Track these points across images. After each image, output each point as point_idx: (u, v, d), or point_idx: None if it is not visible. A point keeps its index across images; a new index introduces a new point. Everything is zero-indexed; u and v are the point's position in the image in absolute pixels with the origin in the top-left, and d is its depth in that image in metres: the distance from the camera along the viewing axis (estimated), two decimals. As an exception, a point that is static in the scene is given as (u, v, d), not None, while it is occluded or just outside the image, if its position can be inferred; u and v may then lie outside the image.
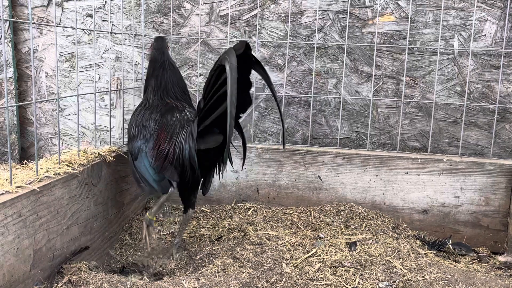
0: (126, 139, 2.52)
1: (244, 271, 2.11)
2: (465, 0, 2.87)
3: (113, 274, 2.05)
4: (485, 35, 2.88)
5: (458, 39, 2.91)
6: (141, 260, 2.34)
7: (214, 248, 2.38)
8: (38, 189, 1.83)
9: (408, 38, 2.92)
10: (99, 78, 3.23)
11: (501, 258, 2.57)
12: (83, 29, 3.17)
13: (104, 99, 3.25)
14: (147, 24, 3.13)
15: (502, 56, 2.86)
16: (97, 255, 2.29)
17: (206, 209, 2.96)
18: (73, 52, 3.22)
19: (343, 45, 2.97)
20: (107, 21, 3.15)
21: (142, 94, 2.62)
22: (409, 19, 2.91)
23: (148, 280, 2.06)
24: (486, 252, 2.73)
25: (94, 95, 2.51)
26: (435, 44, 2.92)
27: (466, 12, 2.88)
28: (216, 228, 2.67)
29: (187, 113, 2.31)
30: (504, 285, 2.11)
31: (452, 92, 2.95)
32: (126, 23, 3.14)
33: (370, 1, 2.94)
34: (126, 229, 2.62)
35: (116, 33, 3.15)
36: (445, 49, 2.92)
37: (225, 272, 2.12)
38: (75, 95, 2.42)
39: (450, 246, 2.62)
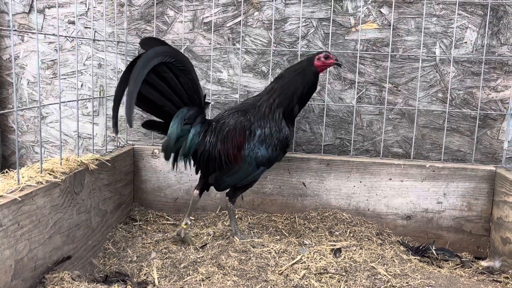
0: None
1: (229, 279, 2.10)
2: (446, 8, 2.91)
3: (96, 284, 2.03)
4: (466, 42, 2.92)
5: (440, 46, 2.94)
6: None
7: (198, 256, 2.36)
8: (19, 198, 1.81)
9: (390, 45, 2.94)
10: (82, 85, 3.21)
11: (483, 263, 2.59)
12: (65, 36, 3.14)
13: (87, 106, 3.22)
14: (130, 31, 3.12)
15: (483, 63, 2.90)
16: (80, 265, 2.26)
17: (190, 217, 2.94)
18: (55, 59, 3.19)
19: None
20: (90, 28, 3.13)
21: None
22: (391, 27, 2.94)
23: (132, 290, 2.04)
24: (469, 257, 2.75)
25: (76, 102, 2.49)
26: (417, 51, 2.95)
27: (447, 20, 2.91)
28: (201, 236, 2.65)
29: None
30: (487, 290, 2.13)
31: (434, 98, 2.98)
32: (109, 30, 3.12)
33: (352, 9, 2.97)
34: (110, 237, 2.59)
35: (99, 40, 3.13)
36: (427, 56, 2.95)
37: (209, 280, 2.11)
38: (57, 103, 2.39)
39: (434, 251, 2.64)
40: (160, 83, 2.28)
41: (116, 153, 2.78)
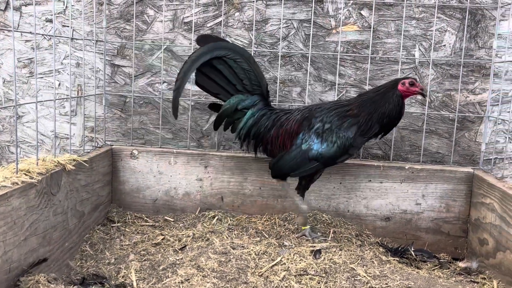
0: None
1: (208, 281, 2.08)
2: (426, 11, 2.93)
3: (73, 286, 1.99)
4: (445, 45, 2.95)
5: (419, 49, 2.97)
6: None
7: (177, 258, 2.34)
8: (-6, 199, 1.76)
9: (370, 47, 2.96)
10: (59, 84, 3.16)
11: (461, 264, 2.62)
12: (43, 35, 3.09)
13: (64, 106, 3.17)
14: (109, 30, 3.08)
15: (461, 66, 2.93)
16: (56, 267, 2.22)
17: (169, 218, 2.92)
18: (32, 58, 3.13)
19: (307, 53, 2.99)
20: (68, 26, 3.09)
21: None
22: (372, 29, 2.95)
23: (110, 292, 2.01)
24: (447, 258, 2.77)
25: (53, 102, 2.45)
26: (397, 53, 2.97)
27: (427, 23, 2.94)
28: (180, 237, 2.63)
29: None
30: (465, 291, 2.15)
31: (413, 101, 3.01)
32: (88, 29, 3.08)
33: (333, 11, 2.97)
34: (87, 239, 2.55)
35: (77, 39, 3.08)
36: (407, 58, 2.97)
37: (189, 282, 2.09)
38: (33, 102, 2.35)
39: (412, 252, 2.66)
40: (214, 73, 2.59)
41: (94, 154, 2.74)
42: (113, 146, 3.00)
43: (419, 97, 2.94)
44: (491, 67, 2.92)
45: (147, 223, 2.87)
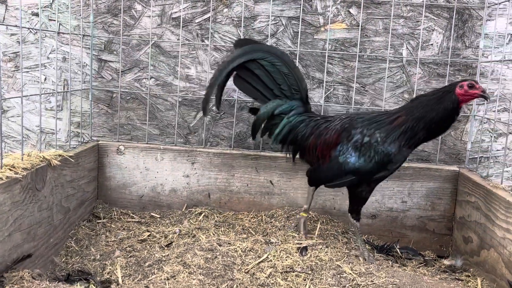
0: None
1: (194, 277, 2.08)
2: (414, 10, 2.94)
3: (58, 283, 1.97)
4: (432, 44, 2.97)
5: (407, 48, 2.98)
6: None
7: (163, 255, 2.33)
8: (-23, 195, 1.74)
9: (358, 45, 2.97)
10: (45, 79, 3.12)
11: (446, 262, 2.64)
12: (29, 28, 3.05)
13: (50, 101, 3.14)
14: (97, 25, 3.06)
15: (448, 65, 2.95)
16: (41, 263, 2.20)
17: (155, 215, 2.91)
18: (18, 52, 3.10)
19: (295, 51, 2.99)
20: (54, 20, 3.05)
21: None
22: (360, 27, 2.96)
23: (95, 289, 2.00)
24: (432, 256, 2.80)
25: (39, 96, 2.43)
26: (384, 52, 2.98)
27: (415, 22, 2.95)
28: (166, 234, 2.62)
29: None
30: (450, 288, 2.17)
31: (401, 99, 3.02)
32: (74, 23, 3.05)
33: (322, 8, 2.98)
34: (72, 235, 2.53)
35: (63, 33, 3.05)
36: (394, 57, 2.98)
37: (175, 279, 2.08)
38: (19, 96, 2.32)
39: (398, 250, 2.68)
40: (251, 77, 2.54)
41: (80, 149, 2.72)
42: (99, 142, 2.98)
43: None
44: (477, 67, 2.94)
45: (133, 219, 2.86)
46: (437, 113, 2.23)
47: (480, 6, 2.91)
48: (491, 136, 2.97)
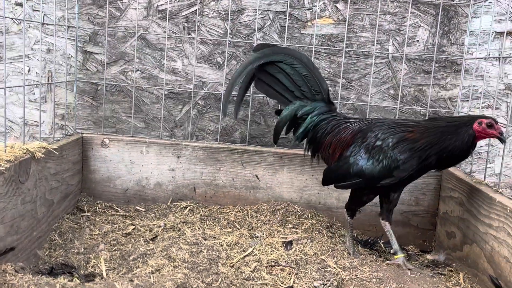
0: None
1: (179, 271, 2.07)
2: (400, 6, 2.96)
3: (41, 276, 1.95)
4: (418, 40, 2.98)
5: (393, 44, 2.99)
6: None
7: (148, 248, 2.32)
8: (-41, 187, 1.72)
9: (345, 41, 2.97)
10: (29, 70, 3.08)
11: (429, 257, 2.67)
12: (12, 18, 3.01)
13: (34, 92, 3.10)
14: (82, 16, 3.02)
15: (434, 62, 2.97)
16: (24, 256, 2.18)
17: (140, 208, 2.89)
18: (1, 42, 3.05)
19: (282, 45, 2.99)
20: (39, 11, 3.01)
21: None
22: (347, 22, 2.97)
23: (79, 282, 1.98)
24: (416, 251, 2.82)
25: (23, 88, 2.40)
26: (371, 47, 2.99)
27: (401, 18, 2.97)
28: (151, 228, 2.61)
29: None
30: (432, 283, 2.19)
31: (386, 95, 3.04)
32: (59, 14, 3.01)
33: (309, 3, 2.97)
34: (56, 228, 2.51)
35: (48, 24, 3.01)
36: (380, 53, 3.00)
37: (159, 273, 2.08)
38: (2, 88, 2.29)
39: (382, 244, 2.70)
40: (272, 80, 2.56)
41: (64, 142, 2.69)
42: (83, 134, 2.96)
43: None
44: (462, 64, 2.97)
45: (118, 213, 2.84)
46: (450, 142, 2.18)
47: (465, 3, 2.93)
48: (475, 133, 3.00)
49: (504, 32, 2.94)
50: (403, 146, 2.23)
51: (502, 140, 2.21)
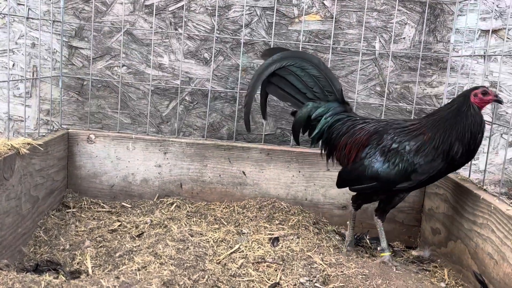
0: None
1: (166, 268, 2.07)
2: (387, 3, 2.97)
3: (26, 273, 1.94)
4: (404, 38, 3.00)
5: (380, 41, 3.01)
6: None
7: (134, 245, 2.31)
8: None
9: (332, 37, 2.98)
10: (13, 65, 3.05)
11: (414, 252, 2.69)
12: (-3, 12, 2.97)
13: (19, 87, 3.07)
14: (67, 10, 2.99)
15: (420, 59, 2.99)
16: (8, 253, 2.16)
17: (126, 204, 2.88)
18: (-15, 36, 3.01)
19: (269, 41, 2.98)
20: (23, 5, 2.98)
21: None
22: (334, 19, 2.97)
23: (64, 279, 1.97)
24: (401, 247, 2.85)
25: (7, 83, 2.37)
26: (357, 44, 3.00)
27: (388, 15, 2.98)
28: (137, 224, 2.60)
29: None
30: (417, 279, 2.21)
31: (373, 92, 3.05)
32: (44, 8, 2.98)
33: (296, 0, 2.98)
34: (41, 225, 2.49)
35: (33, 18, 2.98)
36: (367, 50, 3.01)
37: (146, 269, 2.07)
38: (-14, 83, 2.27)
39: (368, 241, 2.72)
40: (283, 83, 2.54)
41: (49, 137, 2.67)
42: (69, 130, 2.93)
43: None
44: (448, 61, 2.99)
45: (104, 209, 2.83)
46: (463, 123, 2.16)
47: (451, 1, 2.95)
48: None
49: (489, 30, 2.96)
50: (423, 149, 2.20)
51: (500, 102, 2.21)
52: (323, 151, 2.57)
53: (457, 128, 2.17)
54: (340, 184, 2.48)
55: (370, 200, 2.43)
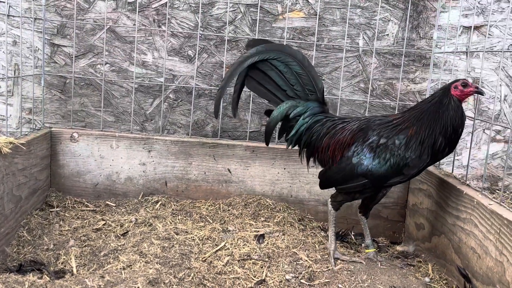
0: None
1: (151, 267, 2.06)
2: (370, 0, 2.98)
3: (9, 274, 1.92)
4: (388, 34, 3.02)
5: (363, 38, 3.02)
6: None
7: (119, 244, 2.30)
8: None
9: (316, 34, 2.98)
10: (-5, 63, 3.01)
11: (399, 248, 2.71)
12: (-24, 10, 2.93)
13: (0, 86, 3.03)
14: (49, 8, 2.96)
15: (403, 56, 3.01)
16: (-9, 254, 2.14)
17: (111, 203, 2.86)
18: (-35, 34, 2.97)
19: (253, 38, 2.98)
20: (4, 2, 2.93)
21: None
22: (318, 16, 2.98)
23: (49, 279, 1.95)
24: (386, 242, 2.87)
25: (-12, 81, 2.34)
26: (341, 41, 3.01)
27: (371, 12, 2.99)
28: (122, 223, 2.58)
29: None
30: (402, 273, 2.23)
31: (357, 88, 3.06)
32: (25, 6, 2.94)
33: (280, -4, 2.98)
34: (24, 224, 2.46)
35: (14, 16, 2.94)
36: (351, 46, 3.02)
37: (131, 268, 2.06)
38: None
39: (353, 236, 2.73)
40: (264, 79, 2.47)
41: (32, 136, 2.64)
42: (52, 129, 2.90)
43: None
44: (431, 58, 3.01)
45: (88, 208, 2.81)
46: (445, 116, 2.17)
47: (434, -2, 2.97)
48: (443, 126, 3.06)
49: (471, 26, 2.99)
50: (410, 143, 2.18)
51: (481, 93, 2.21)
52: (302, 156, 2.51)
53: (440, 121, 2.17)
54: (325, 185, 2.41)
55: (353, 198, 2.36)
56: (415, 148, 2.17)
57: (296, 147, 2.52)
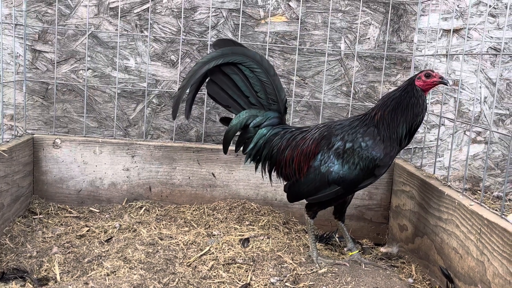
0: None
1: (135, 273, 2.06)
2: (351, 4, 3.01)
3: (-9, 282, 1.91)
4: (369, 38, 3.05)
5: (345, 41, 3.05)
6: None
7: (103, 250, 2.29)
8: None
9: (298, 38, 3.00)
10: (-25, 69, 2.98)
11: (382, 249, 2.73)
12: (-44, 16, 2.90)
13: (-19, 92, 3.00)
14: (30, 14, 2.94)
15: (384, 59, 3.04)
16: (-28, 262, 2.11)
17: (94, 209, 2.85)
18: None
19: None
20: (-16, 8, 2.91)
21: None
22: (299, 20, 3.00)
23: (32, 287, 1.94)
24: (370, 244, 2.89)
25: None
26: (323, 45, 3.03)
27: (352, 16, 3.02)
28: (106, 229, 2.57)
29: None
30: (386, 275, 2.25)
31: (339, 92, 3.09)
32: (6, 11, 2.92)
33: (262, 1, 2.99)
34: (7, 232, 2.44)
35: (-6, 22, 2.92)
36: (333, 50, 3.04)
37: (115, 274, 2.05)
38: None
39: (337, 239, 2.75)
40: (226, 83, 2.38)
41: (14, 143, 2.62)
42: (34, 135, 2.88)
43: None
44: (412, 60, 3.05)
45: (71, 215, 2.79)
46: (407, 101, 2.16)
47: (414, 2, 3.01)
48: (425, 128, 3.09)
49: (450, 29, 3.03)
50: (375, 141, 2.17)
51: (445, 83, 2.20)
52: (264, 171, 2.44)
53: (401, 106, 2.17)
54: (294, 198, 2.35)
55: (329, 205, 2.33)
56: (381, 146, 2.16)
57: (253, 163, 2.46)
